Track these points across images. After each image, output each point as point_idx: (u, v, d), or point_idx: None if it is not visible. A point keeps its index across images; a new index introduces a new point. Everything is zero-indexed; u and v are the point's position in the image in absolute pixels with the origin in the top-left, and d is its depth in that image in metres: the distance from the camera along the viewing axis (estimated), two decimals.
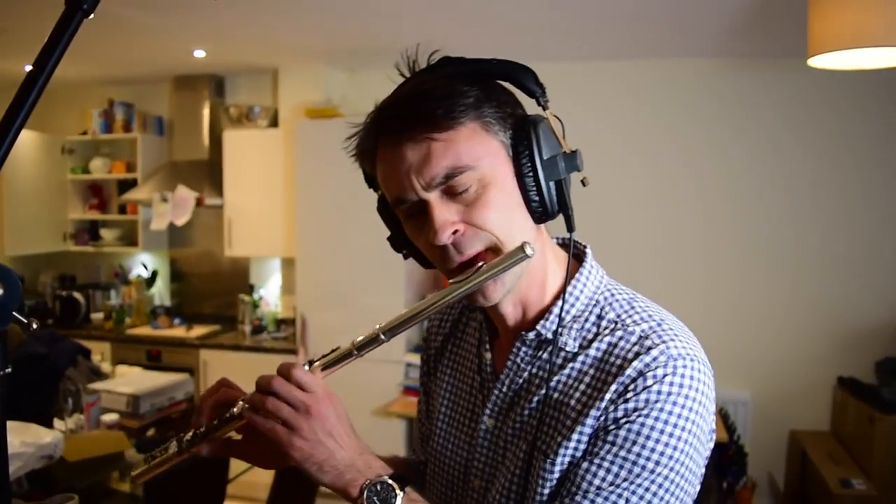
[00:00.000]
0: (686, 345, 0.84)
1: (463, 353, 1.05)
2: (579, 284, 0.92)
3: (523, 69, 0.88)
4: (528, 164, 0.84)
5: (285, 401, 0.81)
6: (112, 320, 4.86)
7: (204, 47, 4.08)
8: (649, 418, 0.79)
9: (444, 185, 0.82)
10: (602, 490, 0.79)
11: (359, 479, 0.80)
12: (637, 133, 4.17)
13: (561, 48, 3.99)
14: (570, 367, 0.87)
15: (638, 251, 4.19)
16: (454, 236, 0.83)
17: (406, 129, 0.82)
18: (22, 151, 4.77)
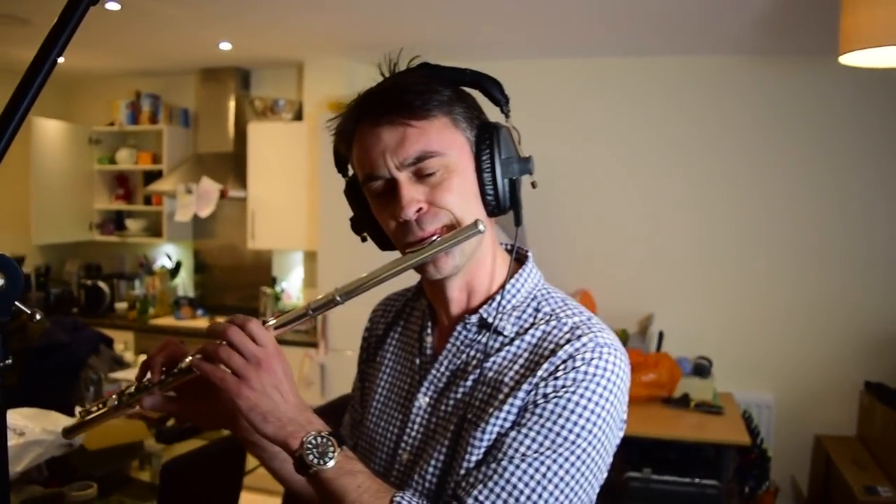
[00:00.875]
0: (611, 337, 0.94)
1: (404, 340, 1.12)
2: (521, 279, 1.01)
3: (492, 80, 0.99)
4: (487, 161, 0.94)
5: (238, 351, 0.84)
6: (136, 310, 4.91)
7: (230, 40, 4.10)
8: (575, 395, 0.87)
9: (414, 166, 0.91)
10: (527, 456, 0.86)
11: (300, 431, 0.84)
12: (663, 130, 4.12)
13: (588, 44, 3.95)
14: (507, 349, 0.96)
15: (662, 250, 4.14)
16: (418, 214, 0.92)
17: (385, 114, 0.91)
18: (50, 141, 4.83)
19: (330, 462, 0.84)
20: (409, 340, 1.10)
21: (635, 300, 4.17)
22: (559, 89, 4.29)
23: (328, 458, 0.84)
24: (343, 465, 0.85)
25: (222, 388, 0.84)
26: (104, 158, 5.17)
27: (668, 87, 4.10)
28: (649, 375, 3.57)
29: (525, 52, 4.17)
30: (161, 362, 0.94)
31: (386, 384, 1.10)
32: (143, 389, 0.91)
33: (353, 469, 0.86)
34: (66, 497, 2.20)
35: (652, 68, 4.12)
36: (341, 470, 0.84)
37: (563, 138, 4.28)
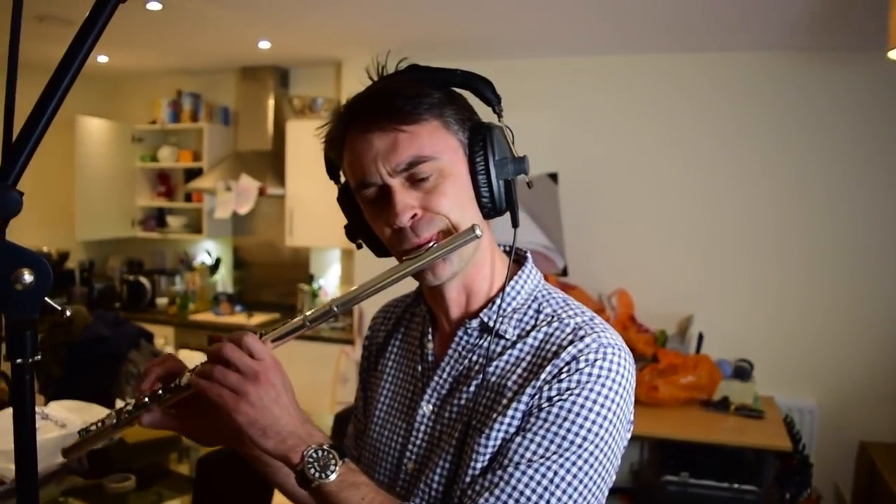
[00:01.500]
0: (615, 338, 0.91)
1: (406, 347, 1.10)
2: (521, 281, 1.00)
3: (482, 80, 0.96)
4: (481, 162, 0.93)
5: (235, 367, 0.84)
6: (176, 305, 5.00)
7: (269, 39, 4.14)
8: (580, 397, 0.85)
9: (406, 172, 0.90)
10: (533, 462, 0.84)
11: (300, 445, 0.83)
12: (708, 129, 4.04)
13: (626, 41, 3.90)
14: (509, 353, 0.94)
15: (703, 251, 4.07)
16: (412, 220, 0.90)
17: (376, 120, 0.90)
18: (94, 139, 4.94)
19: (332, 475, 0.82)
20: (411, 347, 1.08)
21: (675, 301, 4.11)
22: (596, 87, 4.24)
23: (330, 472, 0.82)
24: (346, 478, 0.83)
25: (220, 404, 0.83)
26: (146, 156, 5.27)
27: (714, 83, 4.02)
28: (688, 378, 3.51)
29: (561, 49, 4.13)
30: (158, 375, 0.93)
31: (389, 393, 1.08)
32: (141, 406, 0.90)
33: (357, 481, 0.85)
34: (105, 488, 2.25)
35: (690, 66, 4.04)
36: (344, 483, 0.83)
37: (601, 136, 4.23)
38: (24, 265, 0.55)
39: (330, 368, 4.41)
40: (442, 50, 4.20)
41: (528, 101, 4.36)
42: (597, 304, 4.11)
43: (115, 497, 2.24)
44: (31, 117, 0.55)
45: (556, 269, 4.23)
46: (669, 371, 3.55)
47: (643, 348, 3.83)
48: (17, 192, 0.55)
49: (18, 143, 0.55)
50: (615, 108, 4.21)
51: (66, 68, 0.55)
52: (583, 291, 4.13)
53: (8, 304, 0.55)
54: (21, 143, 0.55)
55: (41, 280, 0.56)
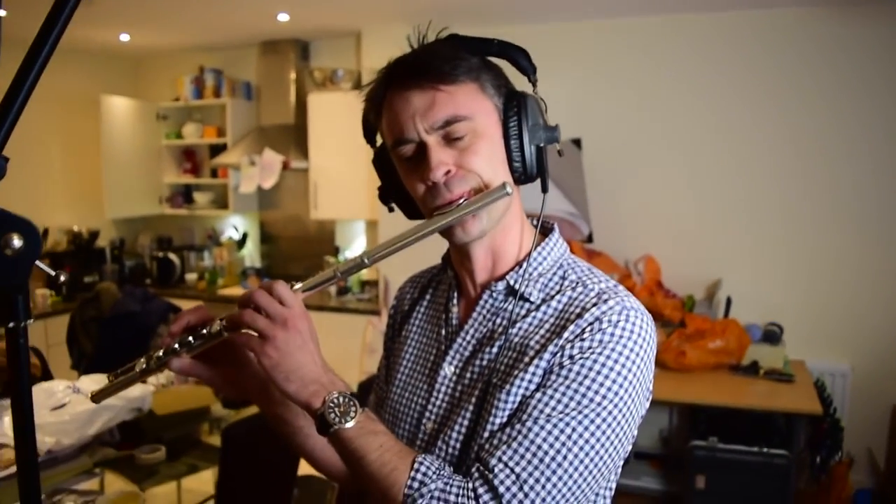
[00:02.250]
0: (638, 303, 0.93)
1: (430, 313, 1.11)
2: (547, 248, 1.01)
3: (519, 49, 0.99)
4: (514, 126, 0.95)
5: (265, 312, 0.85)
6: (205, 280, 5.07)
7: (288, 11, 4.11)
8: (601, 356, 0.87)
9: (443, 130, 0.92)
10: (552, 417, 0.85)
11: (321, 391, 0.85)
12: (734, 91, 3.94)
13: (646, 2, 3.80)
14: (533, 315, 0.96)
15: (730, 214, 4.00)
16: (446, 176, 0.92)
17: (415, 78, 0.92)
18: (119, 118, 4.98)
19: (351, 422, 0.84)
20: (436, 313, 1.10)
21: (702, 266, 4.05)
22: (620, 50, 4.16)
23: (350, 418, 0.84)
24: (365, 426, 0.85)
25: (248, 347, 0.86)
26: (171, 133, 5.31)
27: (734, 46, 3.91)
28: (716, 342, 3.47)
29: (583, 13, 4.04)
30: (189, 320, 0.94)
31: (412, 357, 1.09)
32: (170, 353, 0.91)
33: (375, 429, 0.86)
34: (136, 458, 2.31)
35: (719, 26, 3.93)
36: (363, 429, 0.85)
37: (624, 101, 4.16)
38: (13, 230, 0.55)
39: (357, 339, 4.44)
40: (462, 17, 4.14)
41: (550, 67, 4.25)
42: (623, 271, 4.08)
43: (146, 467, 2.30)
44: (13, 85, 0.55)
45: (581, 236, 4.19)
46: (697, 336, 3.52)
47: (671, 313, 3.80)
48: (3, 157, 0.55)
49: (2, 110, 0.54)
50: (638, 72, 4.13)
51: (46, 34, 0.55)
52: (608, 258, 4.10)
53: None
54: (4, 110, 0.54)
55: (31, 244, 0.56)
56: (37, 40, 0.55)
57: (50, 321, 4.27)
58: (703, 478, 3.20)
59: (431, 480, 0.84)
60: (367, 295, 4.69)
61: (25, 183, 4.77)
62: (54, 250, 4.82)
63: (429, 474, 0.85)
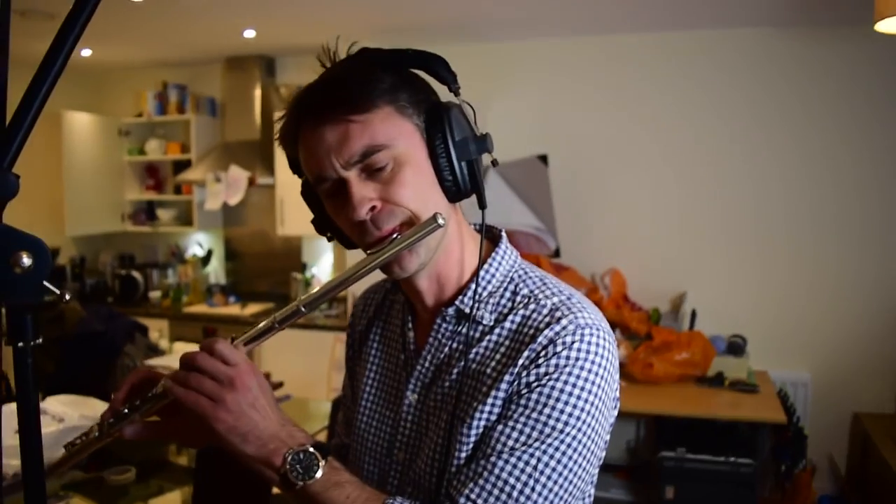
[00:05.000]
0: (592, 316, 0.90)
1: (388, 335, 1.09)
2: (495, 262, 0.97)
3: (435, 58, 0.92)
4: (440, 145, 0.89)
5: (209, 374, 0.82)
6: (170, 298, 4.99)
7: (254, 27, 4.10)
8: (559, 381, 0.84)
9: (361, 163, 0.87)
10: (515, 450, 0.84)
11: (282, 448, 0.82)
12: (693, 108, 4.05)
13: (613, 21, 3.89)
14: (487, 339, 0.93)
15: (694, 228, 4.09)
16: (372, 213, 0.88)
17: (325, 112, 0.87)
18: (80, 134, 4.90)
19: (315, 476, 0.81)
20: (393, 336, 1.07)
21: (667, 279, 4.13)
22: (584, 67, 4.24)
23: (313, 473, 0.81)
24: (330, 478, 0.83)
25: (198, 412, 0.81)
26: (134, 149, 5.24)
27: (697, 63, 4.02)
28: (682, 354, 3.53)
29: (549, 30, 4.12)
30: (132, 383, 0.92)
31: (374, 382, 1.07)
32: (122, 418, 0.89)
33: (340, 480, 0.84)
34: (105, 481, 2.25)
35: (681, 43, 4.04)
36: (328, 482, 0.82)
37: (590, 117, 4.23)
38: (23, 248, 0.55)
39: (325, 356, 4.41)
40: (426, 34, 4.18)
41: (515, 84, 4.36)
42: (590, 284, 4.13)
43: (115, 489, 2.24)
44: (24, 101, 0.55)
45: (548, 251, 4.24)
46: (664, 348, 3.58)
47: (637, 326, 3.85)
48: (14, 174, 0.55)
49: (12, 127, 0.55)
50: (603, 88, 4.21)
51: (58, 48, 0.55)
52: (576, 272, 4.15)
53: (7, 288, 0.55)
54: (14, 127, 0.55)
55: (40, 263, 0.56)
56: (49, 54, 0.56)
57: None
58: (672, 488, 3.25)
59: None
60: (334, 311, 4.67)
61: None
62: None
63: None
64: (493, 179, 4.22)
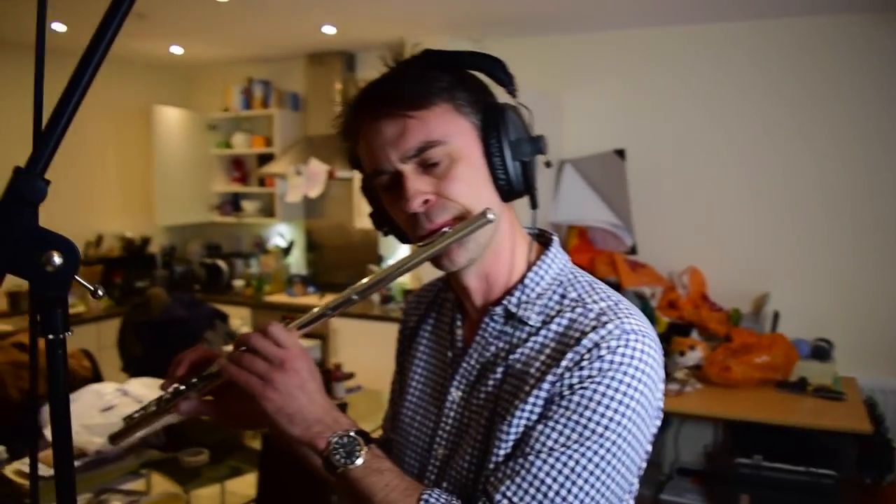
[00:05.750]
0: (639, 323, 0.90)
1: (437, 332, 1.10)
2: (545, 265, 0.99)
3: (493, 60, 0.94)
4: (495, 144, 0.91)
5: (262, 355, 0.85)
6: (252, 287, 5.17)
7: (333, 23, 4.19)
8: (601, 385, 0.84)
9: (417, 157, 0.90)
10: (554, 450, 0.84)
11: (326, 432, 0.84)
12: (780, 100, 3.87)
13: (691, 10, 3.76)
14: (533, 340, 0.93)
15: (779, 225, 3.92)
16: (425, 206, 0.90)
17: (384, 107, 0.90)
18: (171, 128, 5.13)
19: (357, 461, 0.84)
20: (442, 333, 1.08)
21: (749, 278, 3.98)
22: (662, 59, 4.13)
23: (355, 458, 0.84)
24: (370, 464, 0.84)
25: (248, 391, 0.84)
26: (221, 143, 5.44)
27: (783, 52, 3.85)
28: (762, 357, 3.40)
29: (626, 21, 4.03)
30: (191, 361, 0.95)
31: (420, 378, 1.09)
32: (178, 395, 0.93)
33: (381, 468, 0.86)
34: (180, 461, 2.36)
35: (759, 34, 3.87)
36: (368, 469, 0.84)
37: (668, 110, 4.12)
38: (53, 248, 0.59)
39: None
40: (502, 27, 4.16)
41: (592, 76, 4.29)
42: (667, 283, 4.03)
43: (189, 470, 2.35)
44: (58, 108, 0.58)
45: (624, 248, 4.16)
46: (743, 351, 3.45)
47: (715, 327, 3.74)
48: (44, 180, 0.58)
49: (46, 133, 0.58)
50: (681, 80, 4.09)
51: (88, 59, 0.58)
52: (652, 269, 4.06)
53: (39, 284, 0.58)
54: (49, 133, 0.58)
55: (69, 261, 0.59)
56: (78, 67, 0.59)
57: (102, 324, 4.40)
58: (747, 496, 3.14)
59: None
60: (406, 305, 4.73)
61: (82, 190, 4.95)
62: (108, 256, 4.99)
63: None
64: (569, 174, 4.17)
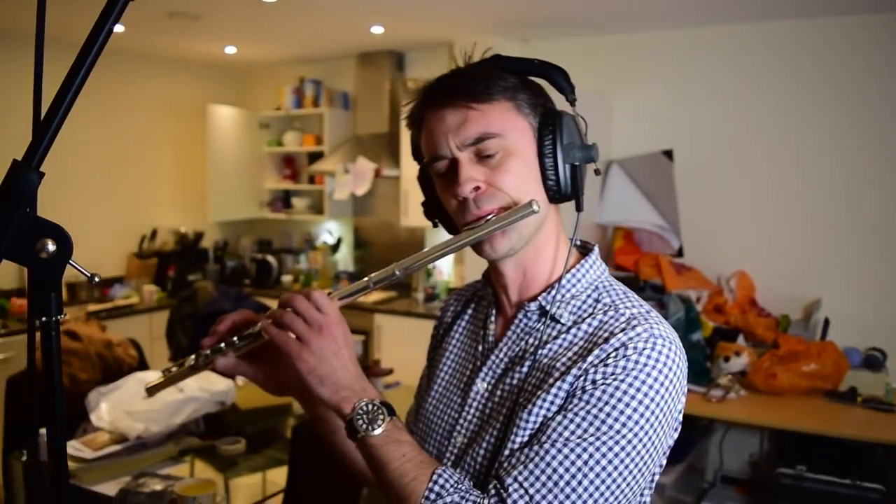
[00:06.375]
0: (668, 331, 0.91)
1: (470, 328, 1.13)
2: (583, 269, 1.01)
3: (557, 69, 1.00)
4: (548, 145, 0.96)
5: (302, 317, 0.90)
6: (299, 283, 5.26)
7: (381, 24, 4.23)
8: (624, 384, 0.86)
9: (473, 147, 0.94)
10: (569, 441, 0.85)
11: (352, 397, 0.89)
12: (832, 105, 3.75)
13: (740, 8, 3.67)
14: (563, 337, 0.96)
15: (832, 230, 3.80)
16: (476, 192, 0.94)
17: (450, 97, 0.95)
18: (224, 126, 5.27)
19: (378, 429, 0.87)
20: (475, 328, 1.11)
21: (801, 284, 3.86)
22: (711, 59, 4.04)
23: (377, 426, 0.87)
24: (391, 434, 0.88)
25: (285, 350, 0.90)
26: (273, 141, 5.56)
27: (837, 52, 3.72)
28: (810, 365, 3.30)
29: (675, 20, 3.96)
30: (233, 321, 1.01)
31: (449, 369, 1.12)
32: (217, 352, 0.98)
33: (400, 438, 0.89)
34: (218, 449, 2.43)
35: (813, 32, 3.75)
36: (388, 438, 0.87)
37: (717, 110, 4.04)
38: (48, 236, 0.62)
39: None
40: (550, 26, 4.13)
41: (640, 77, 4.23)
42: (714, 287, 3.95)
43: (226, 458, 2.42)
44: (54, 102, 0.61)
45: (670, 250, 4.09)
46: (790, 358, 3.36)
47: (763, 333, 3.64)
48: (38, 173, 0.61)
49: (43, 127, 0.61)
50: (731, 81, 4.00)
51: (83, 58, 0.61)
52: (699, 273, 3.98)
53: (34, 270, 0.62)
54: (45, 127, 0.61)
55: (62, 248, 0.62)
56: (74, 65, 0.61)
57: (154, 315, 4.55)
58: None
59: (448, 493, 0.85)
60: None
61: (139, 186, 5.13)
62: (162, 250, 5.14)
63: (446, 487, 0.86)
64: (616, 175, 4.12)
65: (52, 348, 0.63)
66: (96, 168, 4.90)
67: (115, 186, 5.02)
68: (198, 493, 1.95)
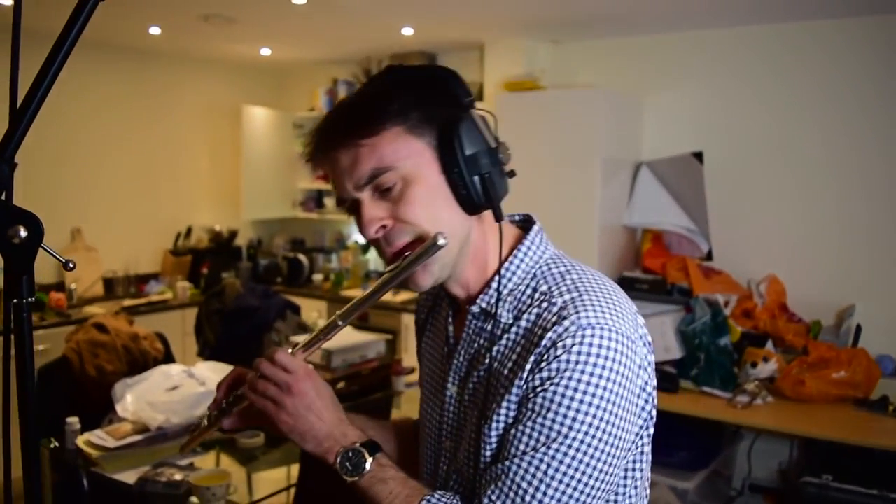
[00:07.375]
0: (598, 316, 0.88)
1: (437, 327, 1.15)
2: (516, 260, 0.99)
3: (444, 73, 0.98)
4: (451, 161, 0.93)
5: (271, 381, 0.95)
6: (330, 282, 5.32)
7: (411, 24, 4.26)
8: (560, 386, 0.85)
9: (370, 184, 0.93)
10: (526, 454, 0.86)
11: (335, 447, 0.94)
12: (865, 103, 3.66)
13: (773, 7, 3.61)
14: (506, 337, 0.95)
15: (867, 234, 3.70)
16: (383, 231, 0.94)
17: (338, 138, 0.93)
18: (259, 127, 5.37)
19: (362, 473, 0.92)
20: (440, 328, 1.13)
21: (833, 289, 3.77)
22: (744, 60, 3.97)
23: (361, 469, 0.92)
24: (375, 475, 0.93)
25: (265, 413, 0.96)
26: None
27: (872, 52, 3.63)
28: (840, 373, 3.23)
29: (707, 20, 3.90)
30: (225, 387, 1.08)
31: (427, 371, 1.15)
32: (222, 413, 1.07)
33: (385, 477, 0.93)
34: (237, 443, 2.48)
35: (846, 32, 3.66)
36: (374, 479, 0.93)
37: (748, 112, 3.97)
38: (19, 222, 0.65)
39: None
40: (583, 28, 4.12)
41: (671, 77, 4.19)
42: (744, 291, 3.88)
43: (245, 451, 2.47)
44: (27, 96, 0.64)
45: (700, 253, 4.04)
46: (820, 365, 3.29)
47: (793, 339, 3.57)
48: (10, 165, 0.64)
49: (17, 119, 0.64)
50: (763, 83, 3.92)
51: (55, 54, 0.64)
52: (728, 277, 3.92)
53: (7, 255, 0.65)
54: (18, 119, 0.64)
55: (34, 234, 0.66)
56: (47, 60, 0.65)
57: (187, 311, 4.65)
58: None
59: None
60: None
61: (175, 184, 5.25)
62: (197, 247, 5.26)
63: None
64: (645, 176, 4.08)
65: (24, 329, 0.66)
66: (136, 167, 5.03)
67: (153, 185, 5.15)
68: (212, 483, 2.00)
